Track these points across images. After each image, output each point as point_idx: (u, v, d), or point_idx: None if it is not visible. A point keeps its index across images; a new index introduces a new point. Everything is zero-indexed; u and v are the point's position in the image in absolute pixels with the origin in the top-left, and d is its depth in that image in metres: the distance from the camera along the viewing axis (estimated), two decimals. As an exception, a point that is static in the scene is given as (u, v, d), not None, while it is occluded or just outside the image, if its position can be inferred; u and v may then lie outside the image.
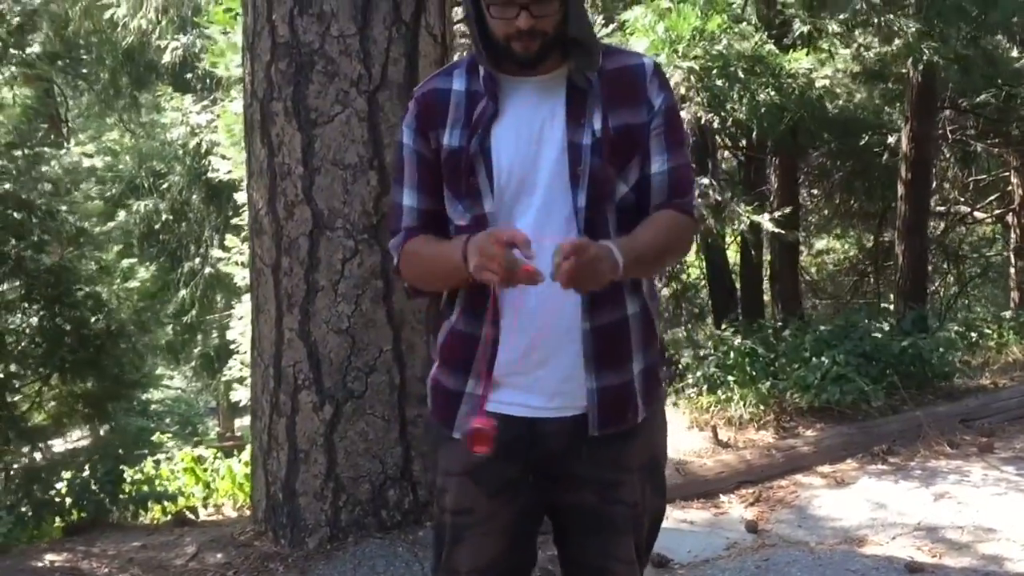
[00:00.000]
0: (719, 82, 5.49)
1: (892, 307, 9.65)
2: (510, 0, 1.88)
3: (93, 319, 5.82)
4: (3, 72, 7.50)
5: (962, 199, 14.29)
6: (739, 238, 9.21)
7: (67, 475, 5.43)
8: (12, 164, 5.91)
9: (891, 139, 10.05)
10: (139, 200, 14.72)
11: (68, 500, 5.21)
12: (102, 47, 14.08)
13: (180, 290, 15.03)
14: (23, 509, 5.29)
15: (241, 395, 8.40)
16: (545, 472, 2.10)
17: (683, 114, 5.58)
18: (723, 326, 7.48)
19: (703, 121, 5.45)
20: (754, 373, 6.28)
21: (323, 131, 4.19)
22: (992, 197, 14.09)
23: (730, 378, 6.18)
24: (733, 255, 11.14)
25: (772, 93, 5.54)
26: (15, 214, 5.71)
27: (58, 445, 6.77)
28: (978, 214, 14.27)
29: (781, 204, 8.43)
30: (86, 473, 5.25)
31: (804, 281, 14.95)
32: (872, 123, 10.32)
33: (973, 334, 8.43)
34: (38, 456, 5.71)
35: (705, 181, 6.07)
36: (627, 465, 2.11)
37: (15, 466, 5.61)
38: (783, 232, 6.43)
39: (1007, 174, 13.36)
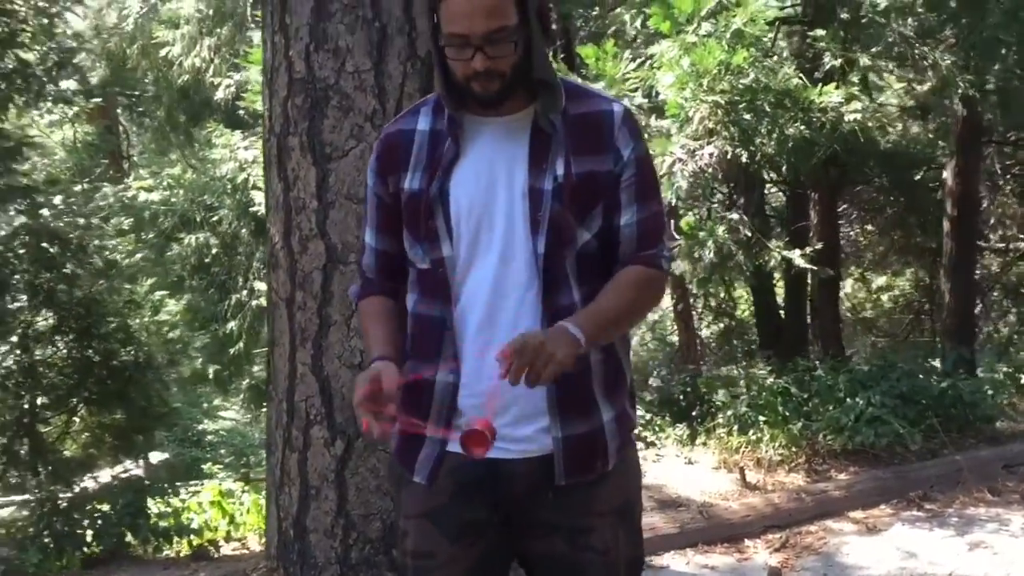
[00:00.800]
0: (747, 116, 5.41)
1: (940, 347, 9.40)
2: (465, 42, 1.85)
3: (123, 351, 5.88)
4: (51, 109, 7.73)
5: (1022, 236, 13.91)
6: (785, 274, 9.07)
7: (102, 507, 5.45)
8: (71, 198, 6.01)
9: (946, 173, 9.85)
10: (191, 233, 14.98)
11: (89, 532, 5.23)
12: (159, 85, 14.45)
13: (228, 322, 15.23)
14: (45, 540, 5.33)
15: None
16: (512, 517, 2.03)
17: (711, 148, 5.51)
18: (759, 364, 7.31)
19: (728, 156, 5.36)
20: (786, 413, 6.11)
21: (338, 165, 4.18)
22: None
23: (761, 418, 6.02)
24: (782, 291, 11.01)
25: (801, 127, 5.44)
26: (49, 248, 5.82)
27: (104, 476, 6.79)
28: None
29: (821, 240, 8.27)
30: (106, 507, 5.27)
31: (859, 319, 14.65)
32: (924, 158, 10.12)
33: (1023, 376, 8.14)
34: (67, 489, 5.76)
35: (735, 216, 5.97)
36: (598, 510, 2.03)
37: (40, 497, 5.66)
38: (814, 268, 6.29)
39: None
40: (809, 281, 9.23)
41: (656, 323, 16.55)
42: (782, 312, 10.67)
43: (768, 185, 10.89)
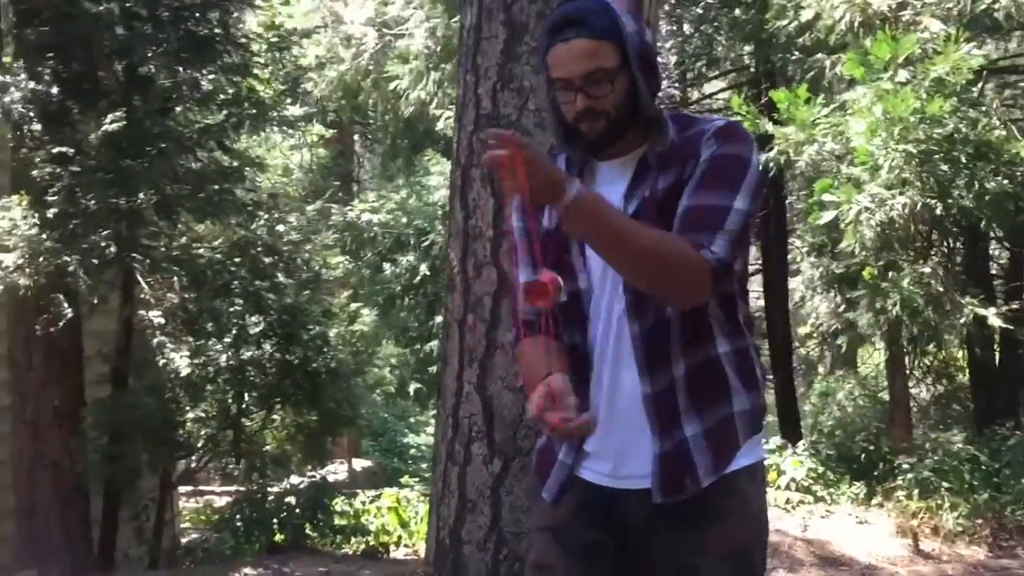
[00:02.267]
0: (943, 167, 5.19)
1: None
2: (568, 85, 1.97)
3: (320, 358, 6.38)
4: (288, 133, 8.46)
5: None
6: (996, 337, 8.52)
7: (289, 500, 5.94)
8: (294, 222, 6.61)
9: None
10: (404, 255, 15.80)
11: (275, 522, 5.70)
12: (387, 115, 15.36)
13: (430, 341, 15.95)
14: (238, 525, 5.86)
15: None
16: (627, 547, 2.09)
17: (900, 199, 5.33)
18: (952, 429, 6.91)
19: (918, 207, 5.17)
20: (973, 482, 5.75)
21: (515, 198, 4.40)
22: None
23: (944, 484, 5.70)
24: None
25: (1003, 181, 5.17)
26: (263, 258, 6.41)
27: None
28: None
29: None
30: (292, 500, 5.72)
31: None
32: None
33: None
34: (263, 481, 6.29)
35: (927, 270, 5.71)
36: (708, 550, 2.03)
37: (239, 488, 6.23)
38: (1011, 328, 5.90)
39: None
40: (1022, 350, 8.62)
41: (868, 379, 15.79)
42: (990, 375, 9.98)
43: (991, 244, 10.28)
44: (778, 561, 5.00)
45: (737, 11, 9.03)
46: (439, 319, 16.34)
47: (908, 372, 9.74)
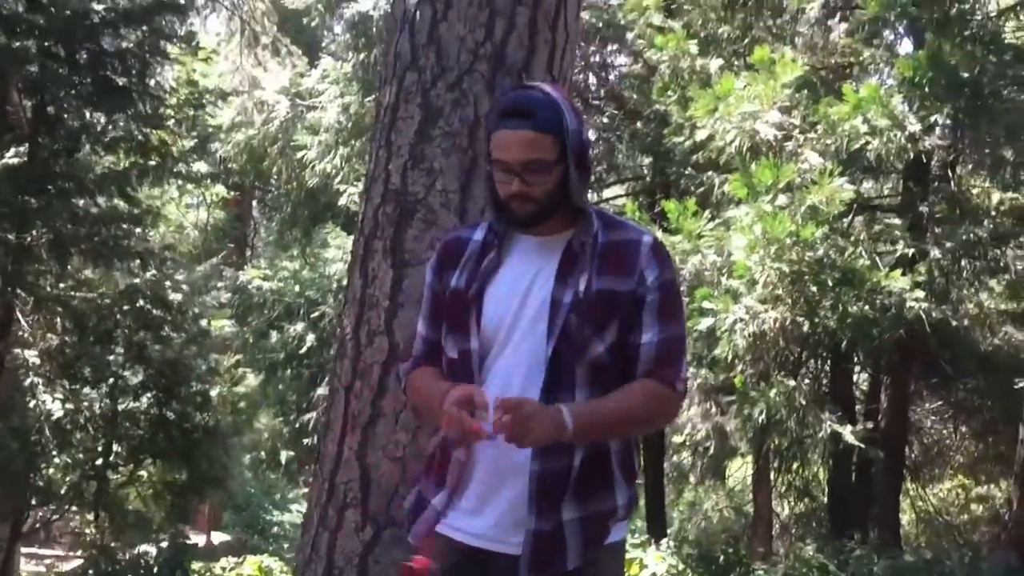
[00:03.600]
0: (812, 288, 5.61)
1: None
2: (506, 167, 2.15)
3: (198, 416, 6.30)
4: (190, 191, 8.43)
5: None
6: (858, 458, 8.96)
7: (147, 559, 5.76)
8: (185, 276, 6.57)
9: (1028, 379, 9.67)
10: (292, 324, 15.61)
11: (131, 578, 5.53)
12: (290, 184, 15.34)
13: (307, 412, 15.70)
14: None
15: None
16: None
17: (772, 314, 5.71)
18: (807, 542, 7.23)
19: (788, 323, 5.55)
20: (822, 591, 6.04)
21: (413, 272, 4.52)
22: None
23: (795, 591, 5.97)
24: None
25: (864, 307, 5.60)
26: (154, 310, 6.36)
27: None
28: None
29: (890, 427, 8.23)
30: (153, 553, 5.58)
31: (948, 523, 14.03)
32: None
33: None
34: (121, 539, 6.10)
35: (791, 383, 6.08)
36: None
37: (98, 539, 6.02)
38: (861, 446, 6.30)
39: None
40: (874, 469, 9.10)
41: (734, 491, 16.20)
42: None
43: (854, 366, 10.88)
44: (632, 652, 5.13)
45: (639, 124, 9.54)
46: (320, 391, 16.15)
47: (772, 487, 10.12)
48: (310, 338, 15.63)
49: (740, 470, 16.80)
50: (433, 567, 2.05)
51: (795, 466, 11.60)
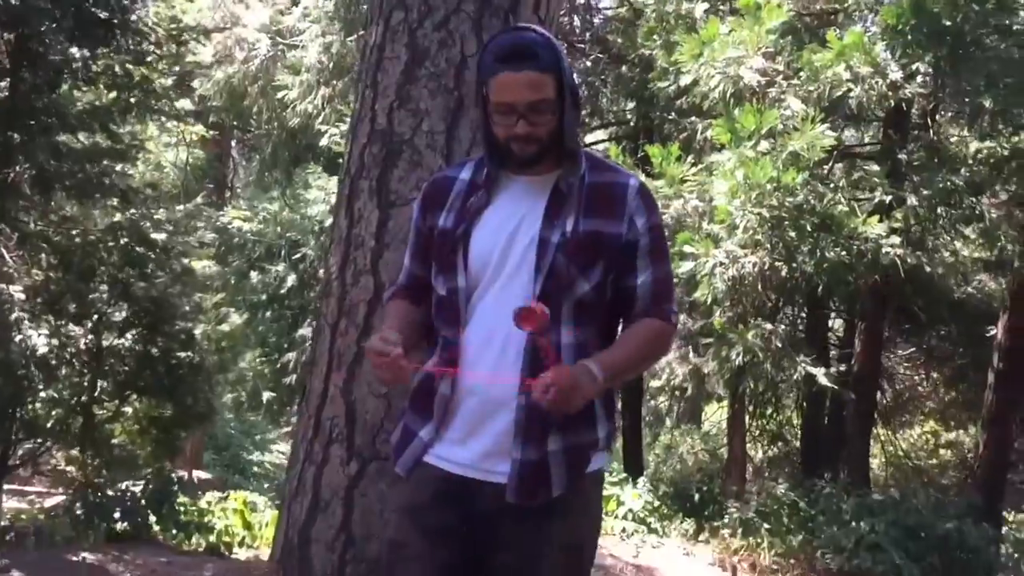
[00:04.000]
0: (791, 233, 5.71)
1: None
2: (511, 109, 2.22)
3: (183, 353, 6.36)
4: (168, 129, 8.39)
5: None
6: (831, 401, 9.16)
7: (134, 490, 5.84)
8: (168, 215, 6.58)
9: (998, 326, 9.86)
10: (273, 265, 15.60)
11: (118, 511, 5.61)
12: (271, 124, 15.21)
13: (288, 352, 15.75)
14: (78, 512, 5.74)
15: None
16: (477, 531, 2.30)
17: (752, 258, 5.82)
18: (779, 481, 7.44)
19: (767, 267, 5.65)
20: (791, 526, 6.24)
21: (398, 212, 4.60)
22: None
23: (764, 525, 6.17)
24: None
25: (841, 252, 5.71)
26: (136, 247, 6.37)
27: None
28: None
29: (862, 370, 8.42)
30: (139, 488, 5.67)
31: (914, 467, 14.39)
32: (995, 312, 10.08)
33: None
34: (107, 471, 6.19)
35: (768, 326, 6.21)
36: (548, 539, 2.28)
37: (85, 471, 6.10)
38: (835, 387, 6.47)
39: None
40: (845, 412, 9.34)
41: (709, 435, 16.50)
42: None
43: (830, 311, 11.06)
44: (609, 583, 5.32)
45: (624, 68, 9.54)
46: (302, 331, 16.22)
47: (747, 431, 10.34)
48: (291, 279, 15.65)
49: (716, 414, 17.11)
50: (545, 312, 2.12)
51: (769, 411, 11.87)
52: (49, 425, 6.05)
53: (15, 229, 5.53)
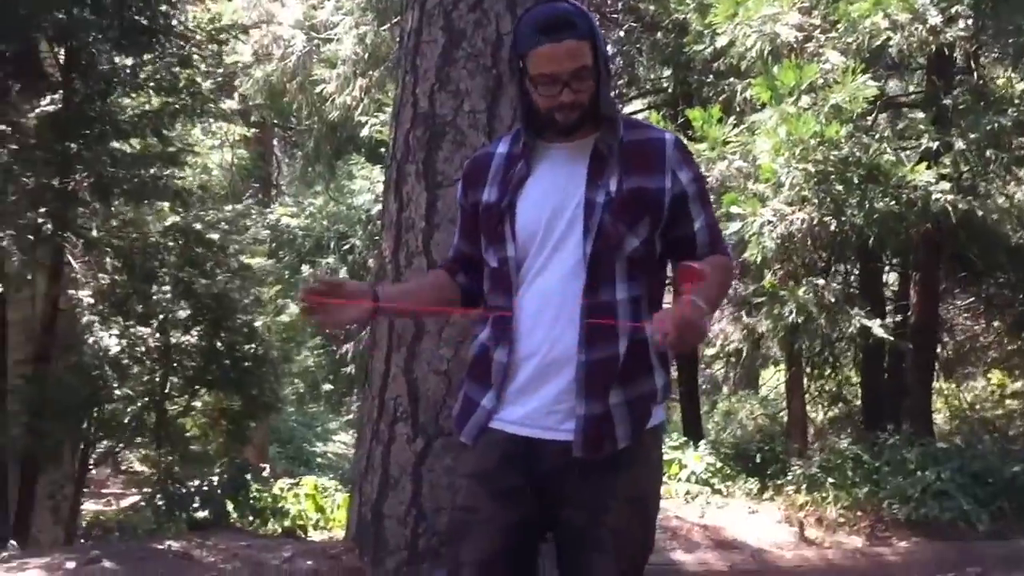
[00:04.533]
0: (839, 187, 5.69)
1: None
2: (554, 79, 2.29)
3: (247, 346, 6.55)
4: (212, 132, 8.58)
5: None
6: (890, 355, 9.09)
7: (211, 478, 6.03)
8: (221, 215, 6.76)
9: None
10: (323, 258, 15.78)
11: (197, 499, 5.83)
12: (311, 119, 15.37)
13: (345, 343, 15.97)
14: (159, 504, 5.97)
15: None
16: (544, 489, 2.38)
17: (800, 215, 5.81)
18: (842, 437, 7.43)
19: (816, 223, 5.64)
20: (856, 479, 6.25)
21: (446, 192, 4.69)
22: None
23: (829, 480, 6.19)
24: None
25: (890, 202, 5.68)
26: (196, 248, 6.56)
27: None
28: None
29: (919, 321, 8.35)
30: (215, 479, 5.87)
31: (981, 419, 14.18)
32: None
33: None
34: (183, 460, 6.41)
35: (820, 282, 6.20)
36: (613, 493, 2.36)
37: (160, 465, 6.33)
38: (891, 339, 6.44)
39: None
40: (905, 365, 9.25)
41: (768, 400, 16.42)
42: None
43: (883, 266, 10.93)
44: (676, 543, 5.39)
45: (658, 35, 9.51)
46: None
47: (805, 392, 10.31)
48: (343, 272, 15.82)
49: (772, 378, 17.01)
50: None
51: (828, 371, 11.79)
52: (126, 421, 6.28)
53: (79, 236, 5.73)
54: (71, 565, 4.63)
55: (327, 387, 15.69)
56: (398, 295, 2.57)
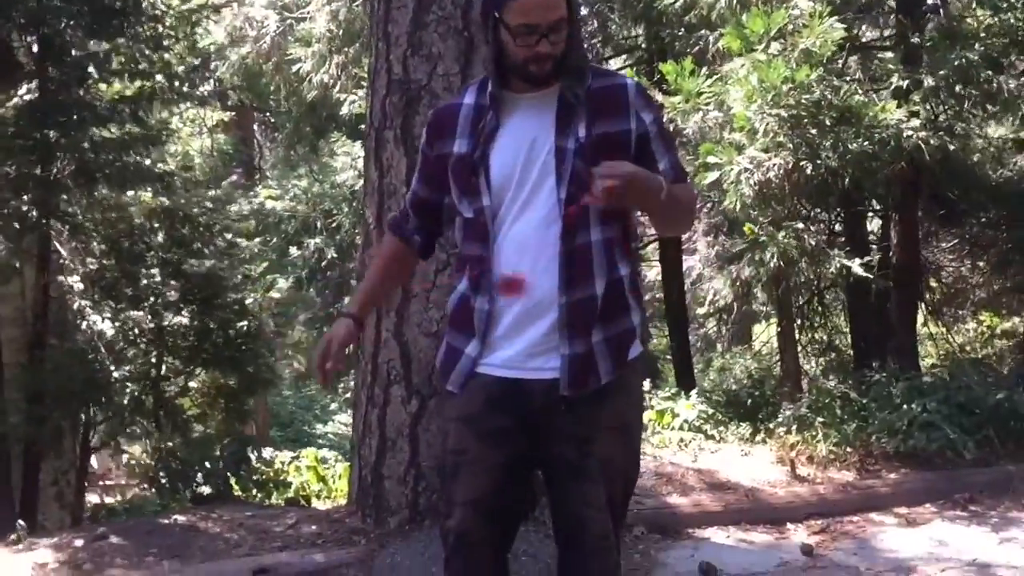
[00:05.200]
0: (812, 131, 5.77)
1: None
2: (533, 30, 2.36)
3: (239, 323, 6.62)
4: (191, 118, 8.59)
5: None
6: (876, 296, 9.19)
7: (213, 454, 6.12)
8: (204, 200, 6.82)
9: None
10: (311, 238, 15.80)
11: (200, 475, 5.93)
12: (289, 99, 15.30)
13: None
14: (163, 481, 6.07)
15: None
16: (533, 426, 2.49)
17: (776, 160, 5.89)
18: (830, 375, 7.56)
19: (791, 168, 5.73)
20: (844, 416, 6.38)
21: (425, 157, 4.75)
22: None
23: (818, 419, 6.32)
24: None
25: (863, 143, 5.76)
26: (182, 228, 6.62)
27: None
28: None
29: (901, 260, 8.46)
30: (216, 452, 5.97)
31: (968, 358, 14.34)
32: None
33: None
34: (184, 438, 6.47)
35: (801, 226, 6.30)
36: (599, 424, 2.47)
37: (161, 446, 6.42)
38: (870, 277, 6.54)
39: None
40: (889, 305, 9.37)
41: (762, 354, 16.56)
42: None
43: (865, 211, 11.02)
44: (672, 487, 5.51)
45: (629, -8, 9.52)
46: (347, 299, 16.42)
47: (797, 343, 10.42)
48: (330, 251, 15.84)
49: (764, 333, 17.16)
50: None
51: (818, 322, 11.90)
52: (125, 402, 6.36)
53: (64, 222, 5.78)
54: (79, 543, 4.74)
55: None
56: (368, 300, 2.77)
